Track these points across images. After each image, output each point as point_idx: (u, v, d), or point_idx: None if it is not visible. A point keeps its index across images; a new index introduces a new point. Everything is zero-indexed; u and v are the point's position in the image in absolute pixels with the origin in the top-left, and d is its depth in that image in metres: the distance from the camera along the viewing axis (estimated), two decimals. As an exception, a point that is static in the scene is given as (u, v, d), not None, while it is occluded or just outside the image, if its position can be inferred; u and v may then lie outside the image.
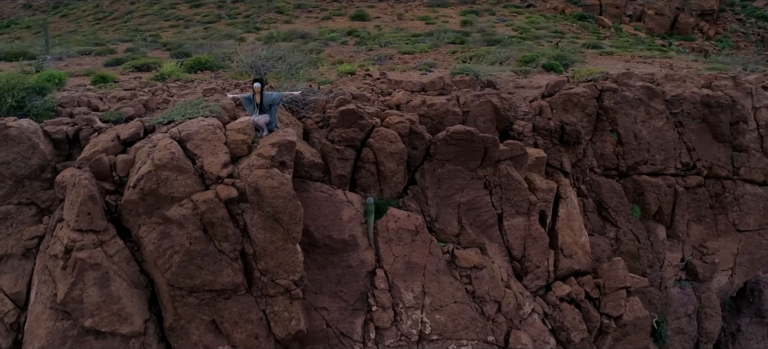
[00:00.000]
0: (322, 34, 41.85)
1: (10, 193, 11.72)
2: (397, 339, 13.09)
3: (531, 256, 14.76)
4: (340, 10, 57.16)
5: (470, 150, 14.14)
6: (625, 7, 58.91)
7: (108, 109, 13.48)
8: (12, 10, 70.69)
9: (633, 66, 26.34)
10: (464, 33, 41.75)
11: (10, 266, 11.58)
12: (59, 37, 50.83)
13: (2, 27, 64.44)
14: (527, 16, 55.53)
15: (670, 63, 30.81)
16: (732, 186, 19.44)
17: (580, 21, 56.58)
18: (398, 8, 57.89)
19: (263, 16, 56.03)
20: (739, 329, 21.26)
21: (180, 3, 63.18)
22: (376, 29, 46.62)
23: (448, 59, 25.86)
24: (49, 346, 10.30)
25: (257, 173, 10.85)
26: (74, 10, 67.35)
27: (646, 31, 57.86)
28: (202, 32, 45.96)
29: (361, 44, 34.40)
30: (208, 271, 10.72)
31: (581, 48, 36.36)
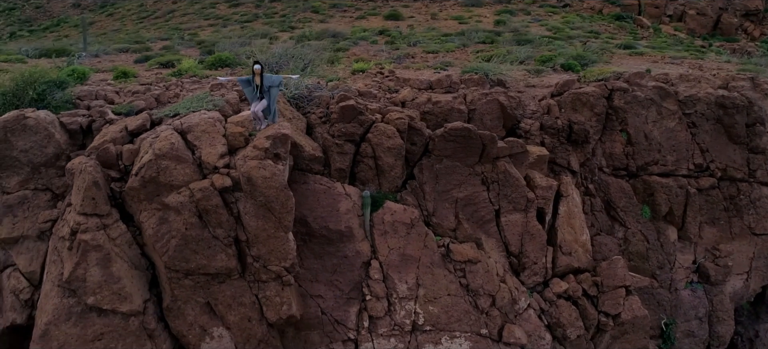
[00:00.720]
0: (354, 33, 42.43)
1: (27, 179, 12.67)
2: (391, 329, 13.59)
3: (528, 252, 15.06)
4: (375, 10, 57.82)
5: (468, 146, 14.54)
6: (665, 7, 57.90)
7: (122, 103, 14.36)
8: (62, 9, 73.62)
9: (660, 67, 26.16)
10: (496, 33, 41.75)
11: (25, 247, 12.51)
12: (104, 36, 52.88)
13: (52, 25, 67.28)
14: (563, 16, 55.17)
15: (700, 64, 30.41)
16: (748, 189, 19.25)
17: (617, 21, 55.88)
18: (433, 8, 58.26)
19: (299, 16, 57.06)
20: (757, 335, 21.04)
21: (219, 2, 64.86)
22: (409, 29, 47.01)
23: (468, 58, 26.17)
24: (54, 321, 11.15)
25: (251, 164, 11.50)
26: (120, 9, 69.80)
27: (686, 32, 56.73)
28: (238, 31, 47.13)
29: (390, 44, 34.89)
30: (202, 255, 11.42)
31: (614, 48, 36.09)
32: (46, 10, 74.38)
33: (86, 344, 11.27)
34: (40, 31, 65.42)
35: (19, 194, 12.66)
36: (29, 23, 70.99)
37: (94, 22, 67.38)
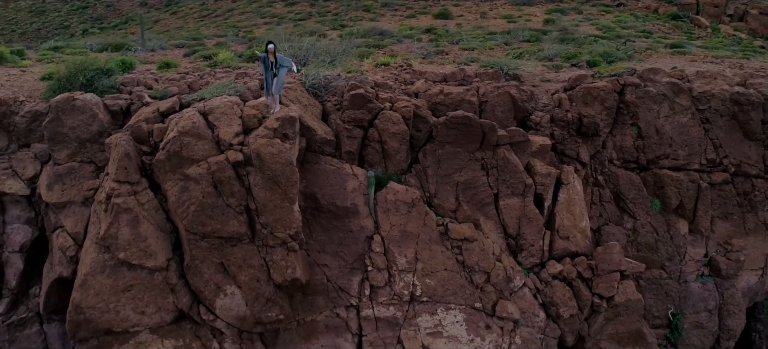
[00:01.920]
0: (401, 31, 43.93)
1: (75, 152, 14.89)
2: (390, 298, 15.16)
3: (526, 234, 16.31)
4: (425, 9, 59.19)
5: (469, 133, 15.94)
6: (725, 7, 56.93)
7: (159, 89, 16.47)
8: (130, 8, 78.22)
9: (696, 66, 26.60)
10: (542, 32, 42.41)
11: (72, 211, 14.72)
12: (166, 33, 56.15)
13: (121, 23, 71.74)
14: (616, 16, 55.12)
15: (741, 63, 30.58)
16: (763, 185, 19.77)
17: (673, 21, 55.31)
18: (483, 7, 59.19)
19: (351, 14, 59.03)
20: (776, 332, 21.47)
21: (276, 1, 67.68)
22: (457, 27, 48.10)
23: (496, 55, 27.35)
24: (92, 272, 13.25)
25: (261, 142, 13.30)
26: (183, 8, 73.66)
27: (747, 32, 55.60)
28: (292, 29, 49.43)
29: (433, 42, 36.26)
30: (217, 221, 13.30)
31: (663, 48, 36.30)
32: (115, 8, 79.14)
33: (117, 294, 13.33)
34: (109, 29, 69.75)
35: (68, 165, 14.88)
36: (100, 21, 75.64)
37: (158, 20, 71.28)
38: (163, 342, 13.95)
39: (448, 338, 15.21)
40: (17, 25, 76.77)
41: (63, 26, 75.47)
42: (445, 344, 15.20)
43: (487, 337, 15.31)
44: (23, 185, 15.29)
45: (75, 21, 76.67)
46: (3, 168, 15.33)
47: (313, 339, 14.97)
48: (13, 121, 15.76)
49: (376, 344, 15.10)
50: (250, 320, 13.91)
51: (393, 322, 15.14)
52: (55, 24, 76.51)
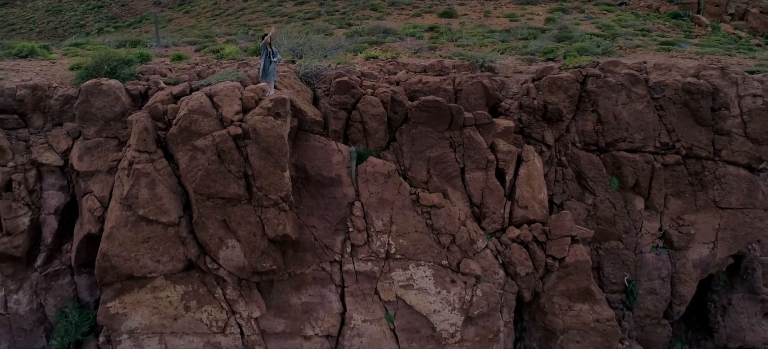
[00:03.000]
0: (404, 29, 46.89)
1: (101, 129, 18.07)
2: (368, 255, 18.19)
3: (488, 204, 19.26)
4: (431, 8, 62.11)
5: (438, 116, 18.92)
6: (726, 6, 59.24)
7: (172, 77, 19.63)
8: (144, 7, 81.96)
9: (677, 61, 29.19)
10: (541, 30, 45.16)
11: (99, 179, 17.89)
12: (179, 31, 59.53)
13: (135, 22, 75.43)
14: (617, 14, 57.67)
15: (719, 59, 33.26)
16: (712, 166, 22.51)
17: (674, 19, 57.67)
18: (487, 6, 62.02)
19: (358, 13, 62.08)
20: (730, 303, 24.18)
21: (286, 1, 71.00)
22: (460, 26, 50.92)
23: (488, 50, 30.25)
24: (116, 226, 16.40)
25: (256, 119, 16.38)
26: (195, 7, 77.25)
27: (748, 31, 57.82)
28: (300, 27, 52.59)
29: (434, 39, 39.19)
30: (220, 184, 16.38)
31: (657, 46, 38.93)
32: (130, 7, 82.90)
33: (137, 245, 16.48)
34: (124, 27, 73.38)
35: (95, 140, 18.07)
36: (115, 20, 79.35)
37: (172, 19, 74.78)
38: (174, 287, 17.08)
39: (418, 291, 18.19)
40: (35, 24, 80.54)
41: (79, 25, 79.00)
42: (416, 296, 18.18)
43: (452, 290, 18.26)
44: (57, 157, 18.48)
45: (91, 20, 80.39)
46: (40, 143, 18.54)
47: (302, 289, 18.02)
48: (48, 104, 18.98)
49: (356, 295, 18.14)
50: (248, 270, 16.98)
51: (371, 275, 18.16)
52: (72, 23, 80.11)
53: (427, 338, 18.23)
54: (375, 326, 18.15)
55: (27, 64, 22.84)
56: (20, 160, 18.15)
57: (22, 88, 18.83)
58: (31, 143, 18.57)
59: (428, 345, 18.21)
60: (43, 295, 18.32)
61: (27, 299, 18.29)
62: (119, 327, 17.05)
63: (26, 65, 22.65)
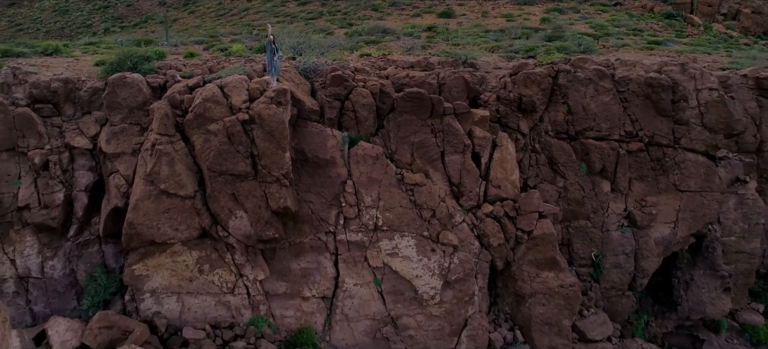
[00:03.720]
0: (404, 29, 50.01)
1: (126, 116, 21.30)
2: (359, 227, 21.35)
3: (465, 183, 22.41)
4: (430, 8, 65.27)
5: (421, 105, 22.08)
6: (718, 6, 62.17)
7: (186, 71, 22.88)
8: (149, 7, 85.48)
9: (655, 58, 32.22)
10: (535, 30, 48.24)
11: (124, 160, 21.11)
12: (185, 31, 62.84)
13: (141, 22, 78.83)
14: (611, 15, 60.68)
15: (694, 57, 36.36)
16: (672, 153, 25.58)
17: (667, 19, 60.58)
18: (485, 6, 65.16)
19: (359, 13, 65.23)
20: (693, 279, 27.23)
21: (289, 1, 74.27)
22: (458, 25, 54.00)
23: (477, 49, 33.43)
24: (141, 199, 19.62)
25: (261, 106, 19.59)
26: (200, 7, 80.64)
27: (740, 30, 60.68)
28: (303, 27, 55.79)
29: (430, 39, 42.36)
30: (230, 162, 19.58)
31: (647, 44, 42.01)
32: (135, 7, 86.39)
33: (159, 215, 19.69)
34: (130, 27, 76.73)
35: (121, 126, 21.30)
36: (121, 20, 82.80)
37: (177, 19, 78.08)
38: (190, 252, 20.30)
39: (402, 258, 21.36)
40: (42, 24, 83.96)
41: (86, 25, 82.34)
42: (400, 262, 21.34)
43: (432, 258, 21.41)
44: (87, 141, 21.73)
45: (97, 20, 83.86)
46: (72, 129, 21.80)
47: (301, 256, 21.22)
48: (78, 95, 22.24)
49: (348, 261, 21.32)
50: (254, 238, 20.18)
51: (361, 244, 21.34)
52: (78, 23, 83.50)
53: (410, 300, 21.39)
54: (365, 289, 21.33)
55: (55, 61, 26.14)
56: (55, 144, 21.41)
57: (55, 81, 22.11)
58: (64, 129, 21.83)
59: (411, 306, 21.36)
60: (74, 261, 21.56)
61: (61, 265, 21.52)
62: (142, 287, 20.27)
63: (54, 62, 25.95)
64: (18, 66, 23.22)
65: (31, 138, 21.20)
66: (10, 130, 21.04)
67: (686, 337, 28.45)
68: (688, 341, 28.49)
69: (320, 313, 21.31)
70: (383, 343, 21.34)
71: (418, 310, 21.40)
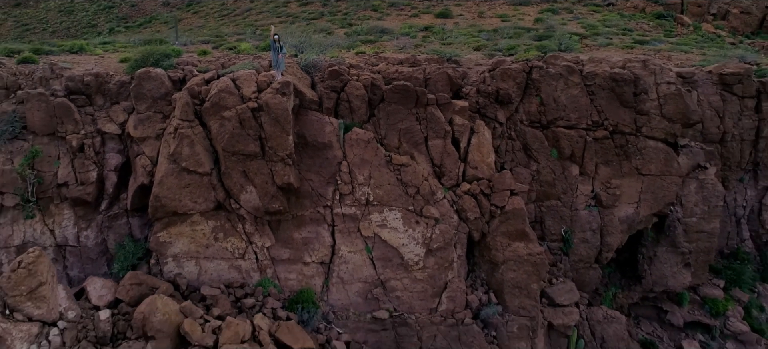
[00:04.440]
0: (401, 29, 54.01)
1: (150, 105, 25.43)
2: (352, 202, 25.41)
3: (446, 164, 26.45)
4: (429, 9, 69.32)
5: (407, 97, 26.13)
6: (708, 6, 66.11)
7: (202, 66, 27.02)
8: (153, 8, 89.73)
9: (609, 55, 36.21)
10: (527, 30, 52.25)
11: (149, 143, 25.21)
12: (190, 31, 66.94)
13: (145, 22, 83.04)
14: (603, 15, 64.66)
15: (669, 55, 40.45)
16: (635, 140, 29.57)
17: (657, 19, 64.47)
18: (482, 6, 69.21)
19: (359, 14, 69.25)
20: (656, 255, 31.23)
21: (291, 2, 78.42)
22: (455, 26, 57.99)
23: (461, 47, 37.56)
24: (165, 175, 23.72)
25: (268, 96, 23.67)
26: (204, 7, 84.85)
27: (729, 30, 64.59)
28: (304, 27, 59.88)
29: (426, 38, 46.43)
30: (241, 144, 23.66)
31: (632, 43, 46.02)
32: (139, 8, 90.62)
33: (180, 189, 23.78)
34: (135, 27, 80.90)
35: (146, 114, 25.42)
36: (125, 20, 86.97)
37: (181, 19, 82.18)
38: (207, 222, 24.39)
39: (390, 229, 25.40)
40: (48, 24, 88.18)
41: (91, 25, 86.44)
42: (389, 233, 25.38)
43: (416, 229, 25.46)
44: (116, 127, 25.85)
45: (102, 20, 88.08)
46: (103, 117, 25.92)
47: (302, 227, 25.29)
48: (108, 87, 26.37)
49: (343, 232, 25.37)
50: (262, 210, 24.25)
51: (354, 217, 25.39)
52: (83, 23, 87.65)
53: (397, 265, 25.44)
54: (357, 256, 25.39)
55: (82, 58, 30.34)
56: (89, 130, 25.56)
57: (88, 76, 26.26)
58: (96, 117, 25.98)
59: (398, 270, 25.42)
60: (105, 232, 25.67)
61: (94, 235, 25.65)
62: (166, 252, 24.38)
63: (82, 59, 30.14)
64: (55, 62, 27.39)
65: (68, 124, 25.34)
66: (50, 117, 25.20)
67: (651, 308, 32.56)
68: (653, 312, 32.59)
69: (319, 276, 25.38)
70: (374, 302, 25.39)
71: (404, 274, 25.45)
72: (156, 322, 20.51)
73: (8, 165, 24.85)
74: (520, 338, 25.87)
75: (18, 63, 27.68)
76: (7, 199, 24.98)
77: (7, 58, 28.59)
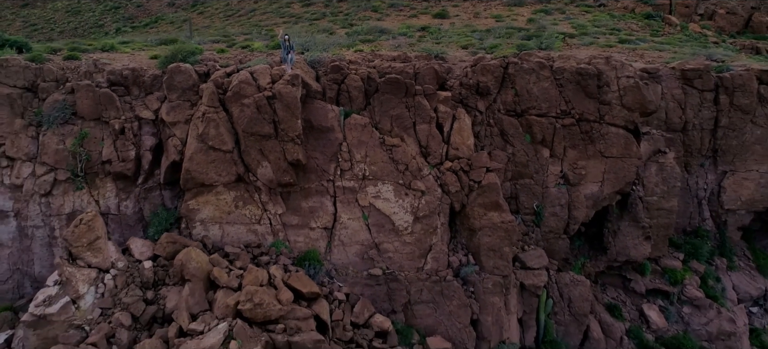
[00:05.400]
0: (400, 29, 59.96)
1: (180, 95, 31.63)
2: (351, 176, 31.58)
3: (431, 146, 32.58)
4: (427, 9, 75.35)
5: (398, 88, 32.28)
6: (695, 7, 72.10)
7: (223, 61, 33.25)
8: (159, 8, 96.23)
9: (576, 53, 42.36)
10: (518, 29, 58.23)
11: (179, 127, 31.39)
12: (196, 31, 73.09)
13: (151, 22, 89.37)
14: (594, 15, 70.64)
15: (641, 53, 46.63)
16: (598, 127, 35.63)
17: (646, 20, 70.20)
18: (478, 7, 75.28)
19: (360, 14, 75.17)
20: (619, 229, 37.28)
21: (294, 2, 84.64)
22: (451, 26, 63.93)
23: (449, 46, 43.74)
24: (194, 153, 29.89)
25: (280, 86, 29.83)
26: (209, 8, 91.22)
27: (715, 30, 70.37)
28: (307, 27, 65.90)
29: (422, 38, 52.58)
30: (258, 126, 29.82)
31: (615, 42, 52.09)
32: (145, 8, 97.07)
33: (207, 164, 29.95)
34: (141, 27, 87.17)
35: (176, 102, 31.63)
36: (131, 20, 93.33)
37: (186, 19, 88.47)
38: (229, 192, 30.55)
39: (383, 200, 31.51)
40: (55, 24, 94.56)
41: (98, 25, 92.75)
42: (382, 203, 31.49)
43: (405, 200, 31.56)
44: (151, 113, 32.04)
45: (108, 20, 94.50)
46: (140, 105, 32.12)
47: (309, 197, 31.44)
48: (143, 80, 32.58)
49: (344, 202, 31.50)
50: (275, 182, 30.39)
51: (353, 189, 31.52)
52: (90, 23, 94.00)
53: (389, 230, 31.54)
54: (356, 222, 31.50)
55: (116, 56, 36.60)
56: (128, 115, 31.75)
57: (126, 70, 32.49)
58: (133, 105, 32.19)
59: (390, 235, 31.52)
60: (142, 202, 31.82)
61: (132, 204, 31.81)
62: (194, 217, 30.53)
63: (116, 56, 36.40)
64: (97, 59, 33.66)
65: (111, 111, 31.55)
66: (96, 104, 31.43)
67: (617, 277, 38.67)
68: (618, 280, 38.71)
69: (323, 239, 31.52)
70: (369, 262, 31.49)
71: (395, 238, 31.55)
72: (191, 268, 26.67)
73: (61, 145, 31.03)
74: (494, 293, 31.91)
75: (64, 59, 33.91)
76: (60, 174, 31.14)
77: (52, 54, 34.86)
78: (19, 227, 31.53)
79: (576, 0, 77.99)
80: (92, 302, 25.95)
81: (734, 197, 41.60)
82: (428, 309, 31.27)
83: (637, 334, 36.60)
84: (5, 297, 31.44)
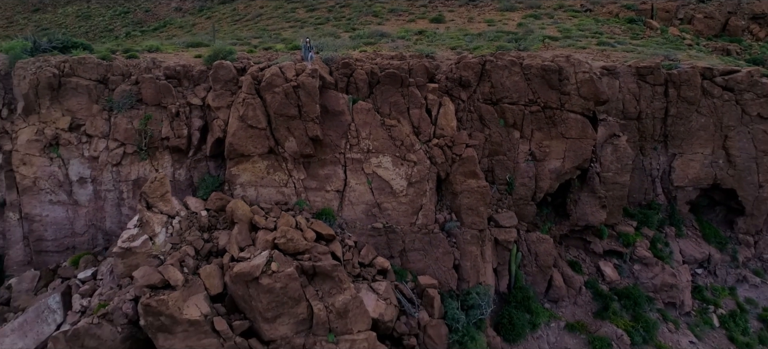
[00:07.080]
0: (399, 33, 71.76)
1: (223, 86, 43.85)
2: (359, 150, 43.80)
3: (422, 126, 44.69)
4: (425, 14, 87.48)
5: (395, 80, 44.43)
6: (675, 12, 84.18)
7: (256, 59, 45.45)
8: (166, 13, 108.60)
9: (543, 53, 54.48)
10: (507, 33, 70.00)
11: (222, 111, 43.54)
12: (206, 35, 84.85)
13: (160, 26, 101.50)
14: (580, 20, 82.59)
15: (608, 54, 58.91)
16: (560, 113, 47.66)
17: (629, 24, 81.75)
18: (472, 12, 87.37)
19: (362, 19, 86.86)
20: (580, 199, 49.42)
21: (299, 8, 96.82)
22: (446, 30, 75.57)
23: (440, 46, 55.96)
24: (235, 131, 42.03)
25: (303, 77, 41.99)
26: (216, 13, 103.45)
27: (694, 33, 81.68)
28: (312, 31, 77.74)
29: (418, 41, 64.75)
30: (286, 109, 41.95)
31: (596, 45, 64.04)
32: (153, 13, 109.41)
33: (246, 139, 42.11)
34: (150, 31, 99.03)
35: (220, 91, 43.81)
36: (140, 24, 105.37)
37: (195, 23, 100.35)
38: (262, 161, 42.65)
39: (384, 168, 43.58)
40: (67, 28, 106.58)
41: (108, 29, 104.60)
42: (383, 171, 43.54)
43: (401, 168, 43.62)
44: (199, 100, 44.19)
45: (118, 24, 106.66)
46: (190, 93, 44.29)
47: (324, 166, 43.54)
48: (191, 74, 44.77)
49: (352, 170, 43.58)
50: (298, 154, 42.47)
51: (359, 160, 43.63)
52: (101, 27, 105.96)
53: (388, 193, 43.55)
54: (362, 186, 43.53)
55: (165, 56, 48.78)
56: (181, 102, 43.90)
57: (178, 66, 44.69)
58: (185, 93, 44.31)
59: (389, 196, 43.52)
60: (192, 171, 43.88)
61: (184, 173, 43.85)
62: (235, 181, 42.59)
63: (165, 56, 48.58)
64: (154, 57, 45.85)
65: (168, 98, 43.68)
66: (157, 93, 43.59)
67: (578, 239, 50.77)
68: (579, 242, 50.80)
69: (336, 200, 43.53)
70: (372, 218, 43.50)
71: (393, 199, 43.54)
72: (239, 214, 38.75)
73: (129, 125, 43.16)
74: (472, 243, 43.91)
75: (127, 58, 46.15)
76: (128, 148, 43.25)
77: (113, 54, 47.16)
78: (95, 190, 43.58)
79: (564, 5, 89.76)
80: (164, 238, 37.92)
81: (682, 176, 53.74)
82: (419, 255, 43.25)
83: (594, 285, 48.65)
84: (82, 247, 43.48)
